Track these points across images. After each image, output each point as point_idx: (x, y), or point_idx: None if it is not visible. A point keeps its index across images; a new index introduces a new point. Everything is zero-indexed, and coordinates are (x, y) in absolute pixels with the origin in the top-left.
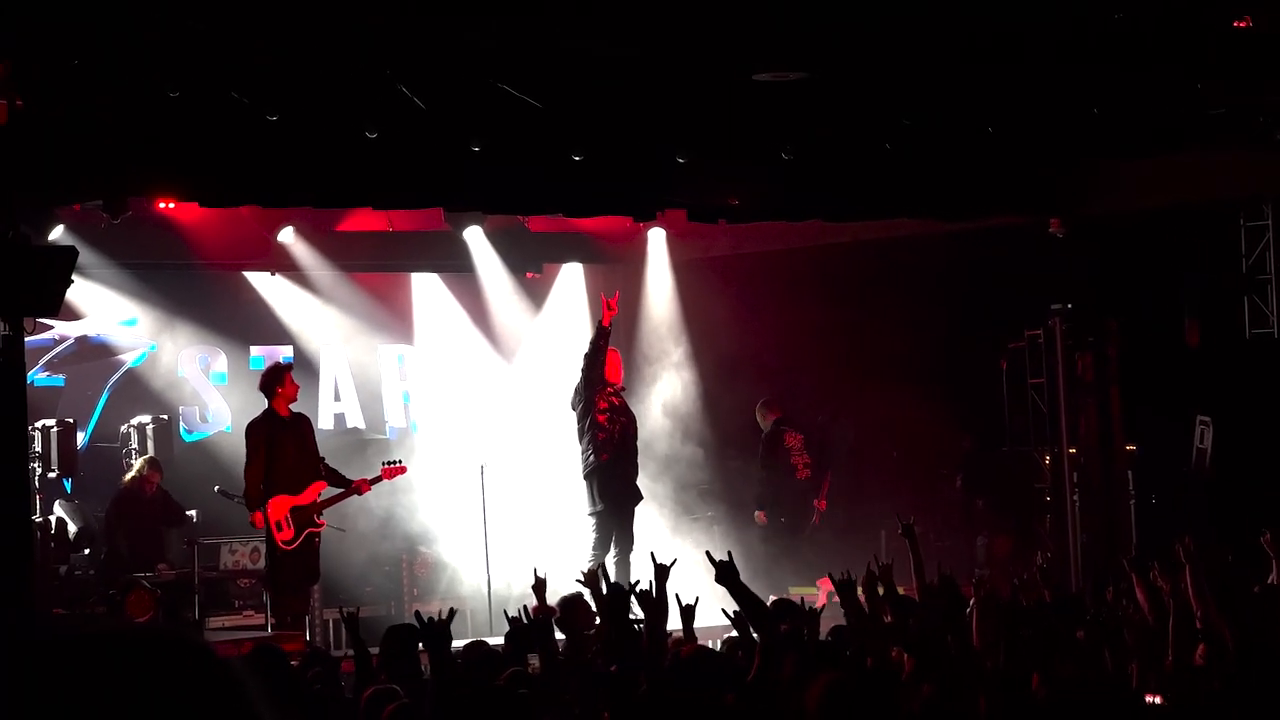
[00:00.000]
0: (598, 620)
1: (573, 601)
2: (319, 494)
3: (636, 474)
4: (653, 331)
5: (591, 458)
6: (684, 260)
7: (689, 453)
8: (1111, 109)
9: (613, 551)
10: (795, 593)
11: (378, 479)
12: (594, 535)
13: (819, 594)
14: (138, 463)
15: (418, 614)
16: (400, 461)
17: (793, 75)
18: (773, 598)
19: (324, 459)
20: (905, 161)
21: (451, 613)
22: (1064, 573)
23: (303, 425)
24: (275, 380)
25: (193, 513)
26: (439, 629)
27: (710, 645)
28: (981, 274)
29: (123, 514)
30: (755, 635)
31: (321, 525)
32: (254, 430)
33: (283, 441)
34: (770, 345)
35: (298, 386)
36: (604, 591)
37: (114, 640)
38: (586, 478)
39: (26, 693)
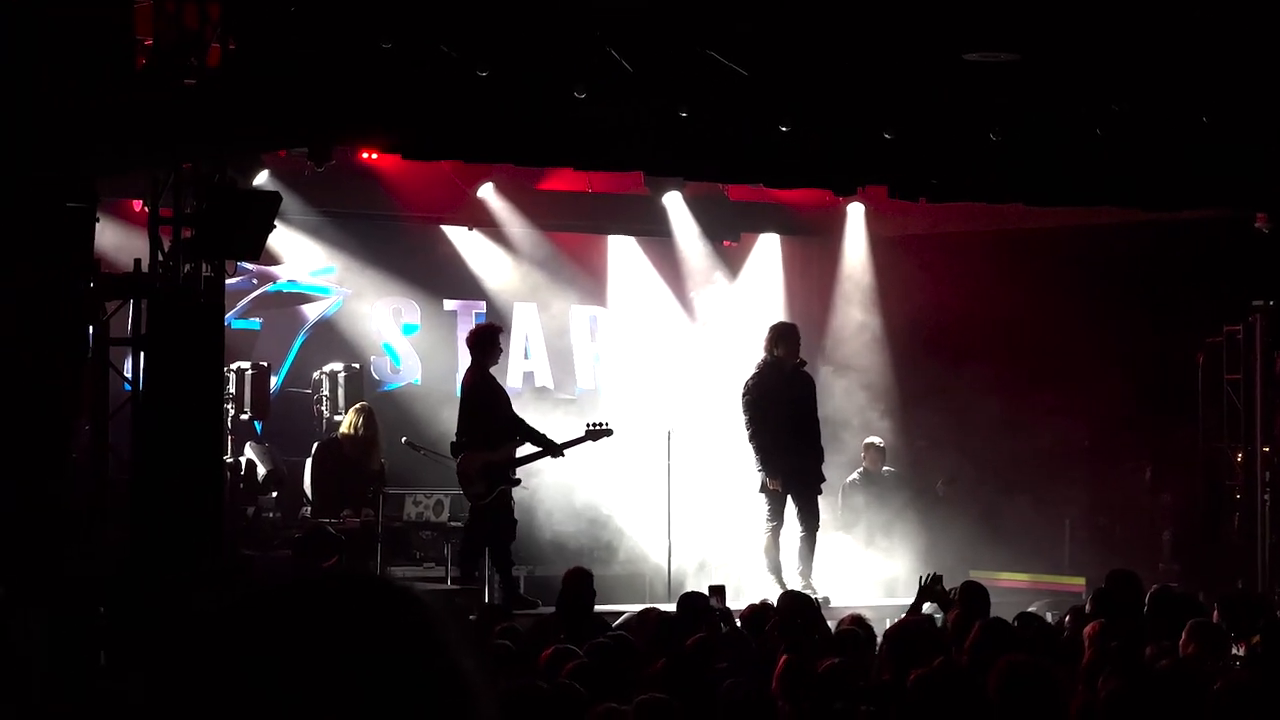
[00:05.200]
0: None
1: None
2: (514, 451)
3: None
4: (846, 306)
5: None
6: (882, 236)
7: (878, 429)
8: None
9: (799, 528)
10: (976, 576)
11: (581, 440)
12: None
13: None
14: (349, 414)
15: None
16: (606, 424)
17: (1004, 56)
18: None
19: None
20: (1113, 148)
21: None
22: (1250, 573)
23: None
24: (490, 342)
25: (383, 461)
26: None
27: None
28: (1183, 267)
29: (327, 461)
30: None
31: (516, 482)
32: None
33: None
34: (964, 326)
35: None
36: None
37: (315, 584)
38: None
39: (226, 642)
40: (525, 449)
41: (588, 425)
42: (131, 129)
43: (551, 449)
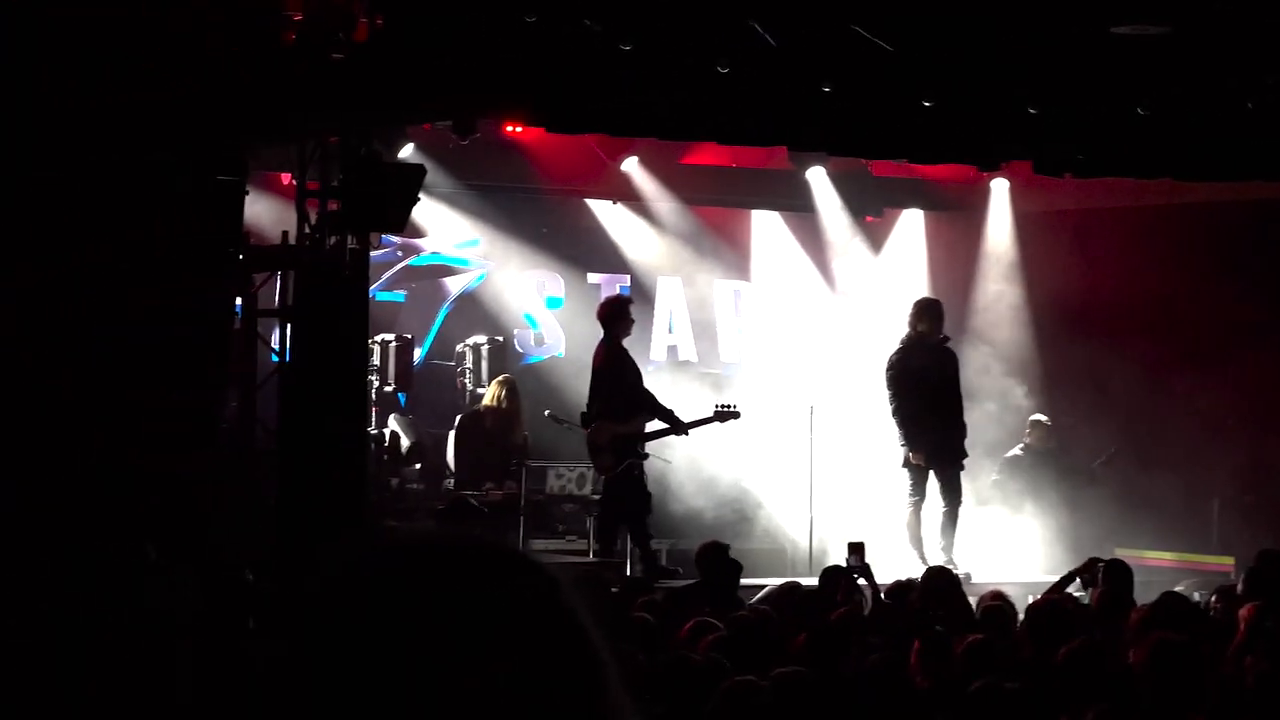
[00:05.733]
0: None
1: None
2: (644, 425)
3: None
4: (990, 281)
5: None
6: (1026, 212)
7: (1020, 405)
8: None
9: (941, 503)
10: (1121, 554)
11: (708, 420)
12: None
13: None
14: (492, 386)
15: None
16: (734, 407)
17: (1154, 29)
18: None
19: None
20: (1264, 121)
21: None
22: None
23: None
24: (620, 314)
25: (525, 435)
26: None
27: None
28: None
29: (470, 434)
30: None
31: (644, 456)
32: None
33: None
34: (1110, 302)
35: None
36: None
37: (436, 547)
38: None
39: (347, 601)
40: (653, 425)
41: (716, 406)
42: (280, 103)
43: (678, 427)
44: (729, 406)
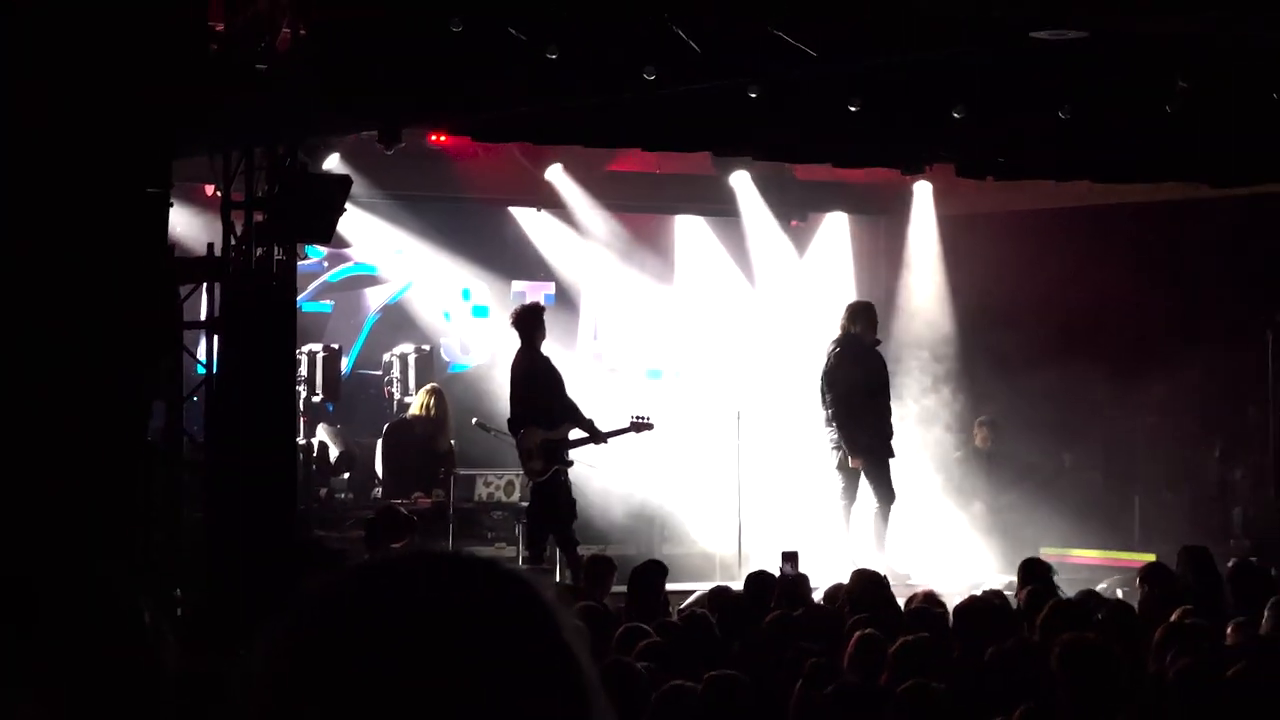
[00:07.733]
0: None
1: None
2: (568, 433)
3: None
4: (914, 284)
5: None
6: (948, 215)
7: (945, 406)
8: None
9: (874, 504)
10: (1046, 552)
11: (624, 431)
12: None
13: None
14: (420, 394)
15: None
16: (649, 418)
17: (1071, 34)
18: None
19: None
20: (1181, 125)
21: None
22: None
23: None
24: (536, 321)
25: (452, 443)
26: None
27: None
28: (1256, 242)
29: (398, 442)
30: None
31: (570, 464)
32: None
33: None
34: (1031, 303)
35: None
36: None
37: (414, 564)
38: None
39: (333, 620)
40: (575, 433)
41: (632, 417)
42: (203, 114)
43: (597, 436)
44: (644, 418)
